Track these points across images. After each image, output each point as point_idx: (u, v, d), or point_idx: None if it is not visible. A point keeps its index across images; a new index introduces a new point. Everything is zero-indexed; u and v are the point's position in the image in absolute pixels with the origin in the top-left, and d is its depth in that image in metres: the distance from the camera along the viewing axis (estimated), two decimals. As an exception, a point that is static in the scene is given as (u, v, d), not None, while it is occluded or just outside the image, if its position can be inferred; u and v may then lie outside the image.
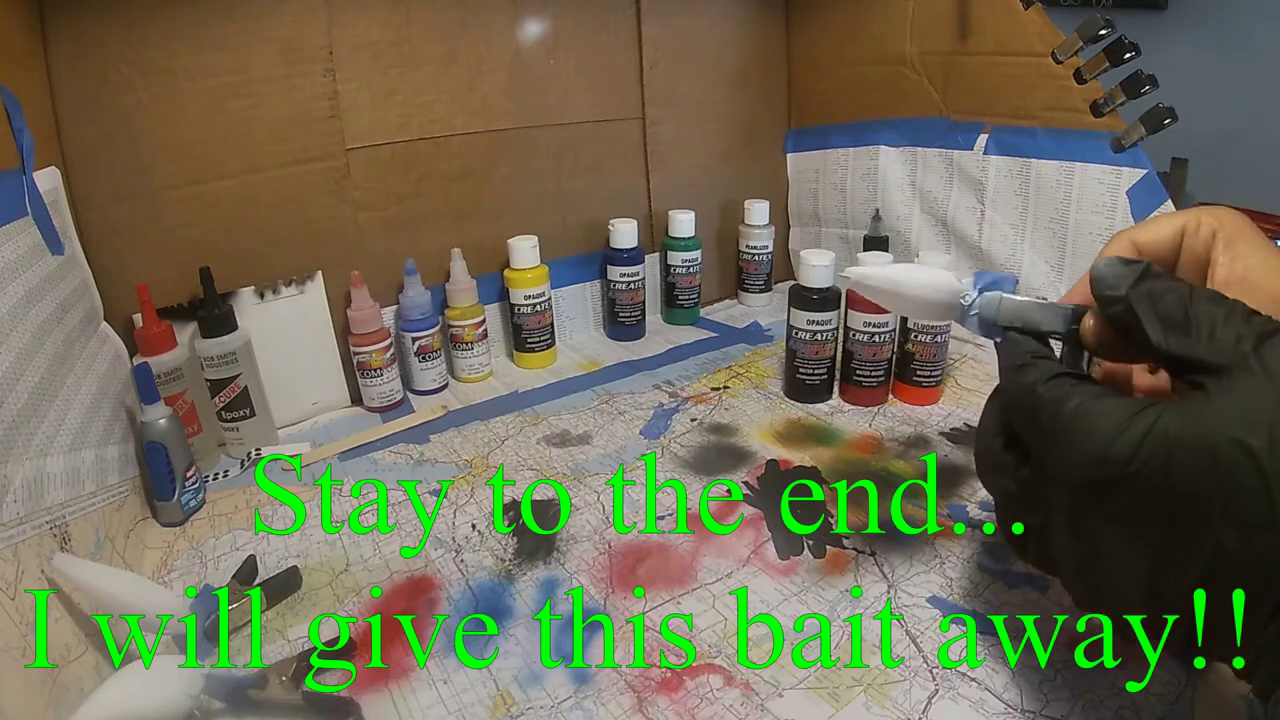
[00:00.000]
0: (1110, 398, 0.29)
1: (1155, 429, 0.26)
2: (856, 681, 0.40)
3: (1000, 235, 0.80)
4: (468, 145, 0.78)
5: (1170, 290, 0.29)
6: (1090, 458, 0.28)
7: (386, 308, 0.75)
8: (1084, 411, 0.28)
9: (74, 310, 0.53)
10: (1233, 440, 0.25)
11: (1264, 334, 0.26)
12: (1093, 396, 0.29)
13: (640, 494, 0.58)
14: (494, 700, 0.40)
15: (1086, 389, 0.29)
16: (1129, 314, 0.29)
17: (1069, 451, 0.29)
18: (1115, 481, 0.27)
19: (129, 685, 0.36)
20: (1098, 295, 0.31)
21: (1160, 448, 0.26)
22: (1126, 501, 0.27)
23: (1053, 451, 0.30)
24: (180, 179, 0.63)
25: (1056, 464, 0.29)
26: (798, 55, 0.98)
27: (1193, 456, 0.25)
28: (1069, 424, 0.29)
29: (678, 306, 0.93)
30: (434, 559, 0.52)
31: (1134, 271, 0.30)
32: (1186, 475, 0.25)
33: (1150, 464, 0.26)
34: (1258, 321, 0.27)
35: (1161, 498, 0.26)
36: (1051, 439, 0.30)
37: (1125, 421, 0.27)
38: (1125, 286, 0.30)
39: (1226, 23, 1.39)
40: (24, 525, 0.39)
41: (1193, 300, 0.28)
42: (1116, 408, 0.28)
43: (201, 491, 0.59)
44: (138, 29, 0.59)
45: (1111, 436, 0.27)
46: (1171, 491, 0.26)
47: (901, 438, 0.65)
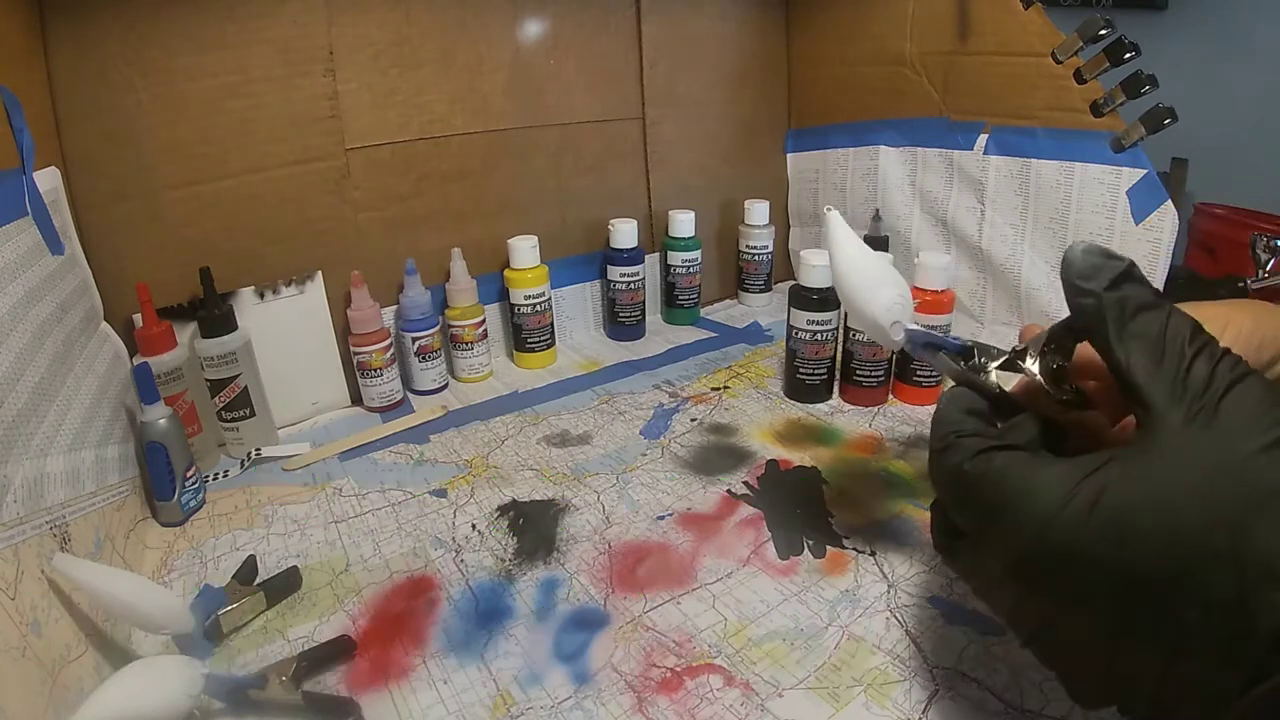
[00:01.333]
0: (1047, 465, 0.26)
1: (1104, 499, 0.24)
2: (856, 681, 0.40)
3: (1000, 235, 0.80)
4: (468, 145, 0.78)
5: (1148, 304, 0.26)
6: (1030, 537, 0.25)
7: (386, 308, 0.75)
8: (1018, 487, 0.26)
9: (74, 310, 0.53)
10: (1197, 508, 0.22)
11: (1234, 380, 0.24)
12: (1027, 466, 0.26)
13: (640, 494, 0.58)
14: (494, 700, 0.40)
15: (1017, 458, 0.27)
16: (1096, 316, 0.27)
17: (1006, 532, 0.26)
18: (1061, 561, 0.25)
19: (129, 685, 0.36)
20: (1067, 282, 0.28)
21: (1111, 520, 0.23)
22: (1075, 582, 0.25)
23: (990, 533, 0.27)
24: (180, 179, 0.63)
25: (994, 545, 0.27)
26: (798, 55, 0.98)
27: (1149, 528, 0.23)
28: (1002, 502, 0.26)
29: (678, 306, 0.93)
30: (434, 559, 0.52)
31: (1114, 269, 0.27)
32: (1143, 549, 0.23)
33: (1099, 539, 0.24)
34: (1229, 363, 0.24)
35: (1115, 575, 0.24)
36: (986, 520, 0.27)
37: (1066, 494, 0.24)
38: (1102, 283, 0.27)
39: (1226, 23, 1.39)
40: (24, 525, 0.39)
41: (1169, 324, 0.25)
42: (1055, 477, 0.25)
43: (201, 491, 0.59)
44: (138, 29, 0.59)
45: (1052, 512, 0.24)
46: (1126, 567, 0.23)
47: (901, 438, 0.65)
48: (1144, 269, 0.70)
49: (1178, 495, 0.23)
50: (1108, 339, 0.26)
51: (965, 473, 0.28)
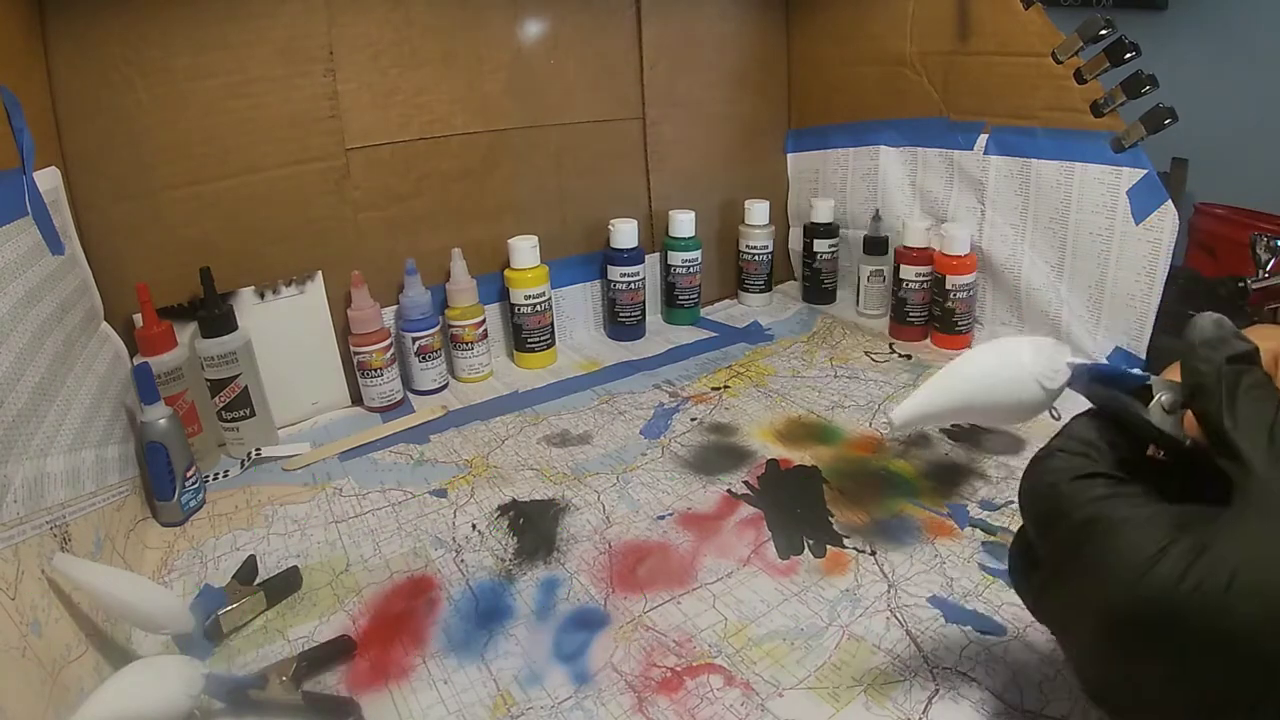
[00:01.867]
0: (1151, 506, 0.24)
1: (1203, 560, 0.22)
2: (856, 681, 0.40)
3: (1000, 235, 0.80)
4: (468, 145, 0.78)
5: (1263, 383, 0.25)
6: (1116, 590, 0.23)
7: (387, 308, 0.75)
8: (1116, 524, 0.24)
9: (74, 310, 0.53)
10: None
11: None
12: (1130, 504, 0.24)
13: (641, 493, 0.58)
14: (494, 700, 0.40)
15: (1123, 494, 0.24)
16: (1212, 378, 0.25)
17: (1089, 577, 0.24)
18: (1150, 619, 0.23)
19: (129, 685, 0.36)
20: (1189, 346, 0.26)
21: (1221, 571, 0.21)
22: (1163, 643, 0.23)
23: (1070, 570, 0.25)
24: (180, 179, 0.63)
25: (1074, 584, 0.25)
26: (798, 55, 0.98)
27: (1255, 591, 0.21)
28: (1092, 537, 0.24)
29: (678, 306, 0.93)
30: (434, 559, 0.52)
31: (1237, 347, 0.25)
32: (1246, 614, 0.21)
33: (1196, 599, 0.22)
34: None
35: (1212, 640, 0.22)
36: (1071, 552, 0.25)
37: (1169, 538, 0.22)
38: (1222, 357, 0.25)
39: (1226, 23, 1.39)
40: (24, 525, 0.39)
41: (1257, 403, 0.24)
42: (1158, 520, 0.23)
43: (201, 491, 0.59)
44: (138, 29, 0.59)
45: (1153, 556, 0.22)
46: (1225, 633, 0.21)
47: (902, 436, 0.65)
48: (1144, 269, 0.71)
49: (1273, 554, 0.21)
50: (1219, 402, 0.25)
51: (1060, 492, 0.26)
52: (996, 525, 0.52)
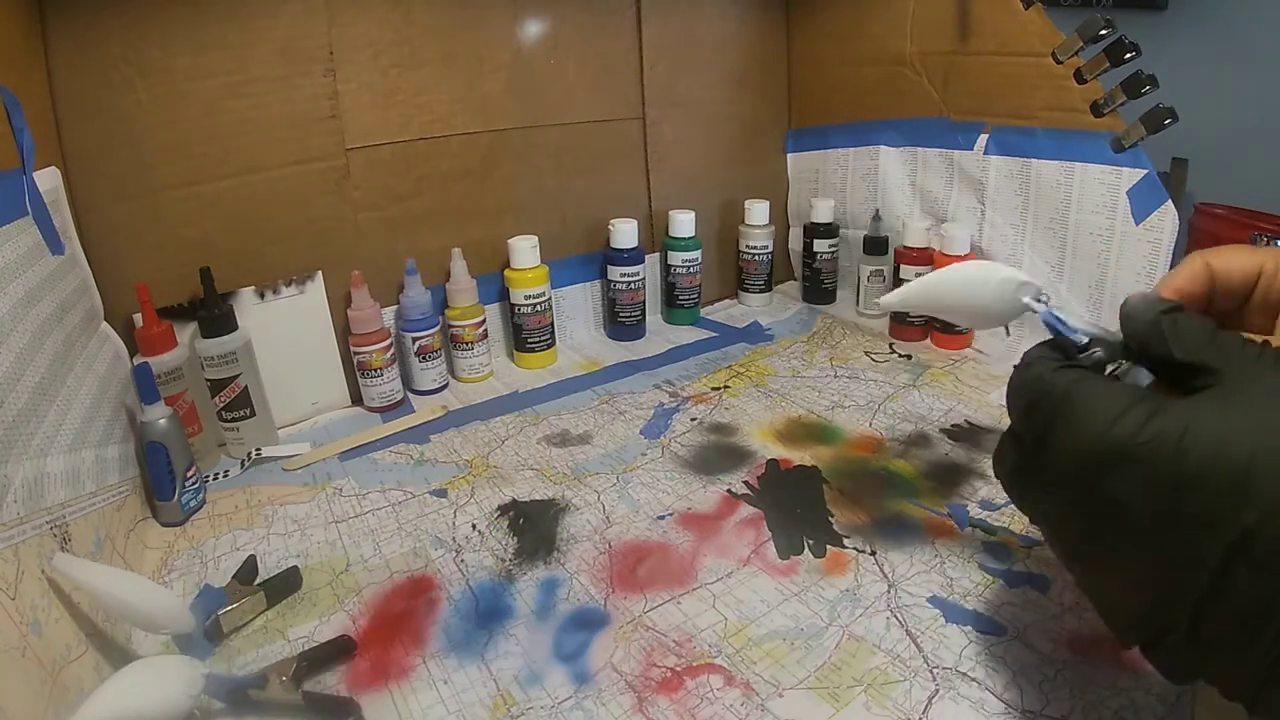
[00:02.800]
0: (1118, 385, 0.28)
1: (1161, 414, 0.26)
2: (856, 681, 0.40)
3: (1000, 235, 0.80)
4: (468, 145, 0.78)
5: (1197, 320, 0.29)
6: (1090, 437, 0.27)
7: (387, 308, 0.75)
8: (1086, 393, 0.28)
9: (74, 310, 0.53)
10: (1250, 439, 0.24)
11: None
12: (1101, 382, 0.29)
13: (641, 493, 0.58)
14: (494, 700, 0.40)
15: (1094, 376, 0.29)
16: (1153, 330, 0.30)
17: (1067, 431, 0.28)
18: (1115, 463, 0.26)
19: (129, 685, 0.36)
20: (1123, 316, 0.31)
21: (1170, 433, 0.25)
22: (1126, 486, 0.26)
23: (1052, 433, 0.29)
24: (180, 179, 0.63)
25: (1055, 446, 0.29)
26: (798, 55, 0.98)
27: (1207, 435, 0.25)
28: (1069, 403, 0.28)
29: (678, 306, 0.93)
30: (434, 559, 0.52)
31: (1166, 304, 0.30)
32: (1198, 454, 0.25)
33: (1155, 448, 0.25)
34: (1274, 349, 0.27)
35: (1164, 491, 0.25)
36: (1050, 420, 0.29)
37: (1129, 404, 0.27)
38: (1154, 313, 0.30)
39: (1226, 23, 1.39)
40: (24, 525, 0.39)
41: (1216, 329, 0.29)
42: (1122, 391, 0.28)
43: (202, 491, 0.59)
44: (138, 29, 0.59)
45: (1113, 417, 0.27)
46: (1175, 485, 0.25)
47: (902, 436, 0.65)
48: (1144, 269, 0.70)
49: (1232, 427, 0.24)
50: (1165, 345, 0.29)
51: (1044, 379, 0.30)
52: (996, 525, 0.52)
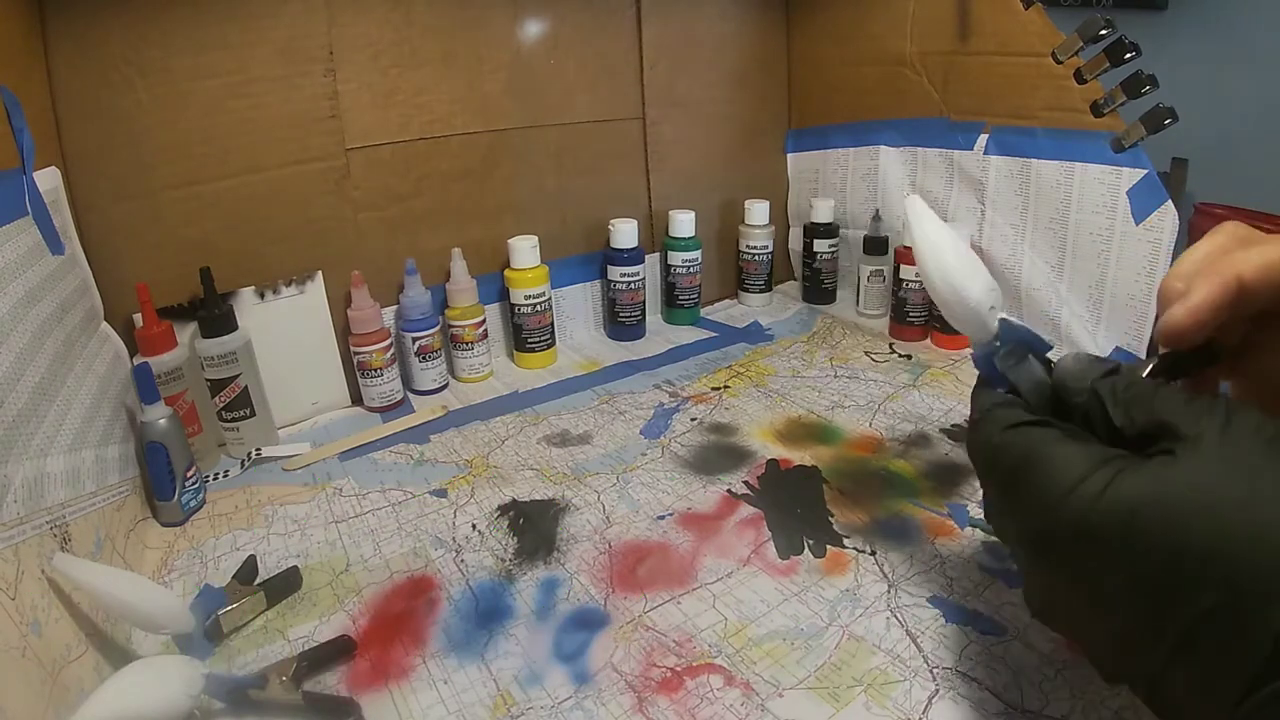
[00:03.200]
0: (1073, 443, 0.27)
1: (1116, 485, 0.24)
2: (856, 681, 0.40)
3: (1000, 235, 0.80)
4: (468, 145, 0.78)
5: (1137, 382, 0.28)
6: (1044, 509, 0.26)
7: (387, 308, 0.75)
8: (1041, 458, 0.27)
9: (74, 310, 0.53)
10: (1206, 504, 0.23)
11: (1231, 408, 0.25)
12: (1054, 441, 0.27)
13: (641, 493, 0.58)
14: (494, 700, 0.40)
15: (1048, 433, 0.27)
16: (1093, 399, 0.28)
17: (1021, 502, 0.27)
18: (1071, 539, 0.25)
19: (129, 685, 0.36)
20: (1060, 385, 0.30)
21: (1123, 505, 0.24)
22: (1083, 563, 0.25)
23: (1007, 501, 0.28)
24: (180, 179, 0.63)
25: (1012, 513, 0.28)
26: (798, 55, 0.98)
27: (1161, 517, 0.23)
28: (1024, 470, 0.27)
29: (678, 306, 0.93)
30: (434, 559, 0.52)
31: (1102, 367, 0.29)
32: (1153, 538, 0.23)
33: (1109, 523, 0.24)
34: (1225, 401, 0.26)
35: (1120, 562, 0.24)
36: (1006, 486, 0.28)
37: (1085, 473, 0.25)
38: (1091, 379, 0.29)
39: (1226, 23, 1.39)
40: (24, 525, 0.39)
41: (1158, 389, 0.27)
42: (1078, 455, 0.26)
43: (202, 491, 0.59)
44: (138, 29, 0.59)
45: (1067, 488, 0.25)
46: (1136, 555, 0.24)
47: (902, 436, 0.65)
48: (1144, 269, 0.70)
49: (1187, 491, 0.23)
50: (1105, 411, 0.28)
51: (995, 444, 0.29)
52: (996, 525, 0.52)
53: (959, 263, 0.34)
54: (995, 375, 0.33)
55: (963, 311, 0.34)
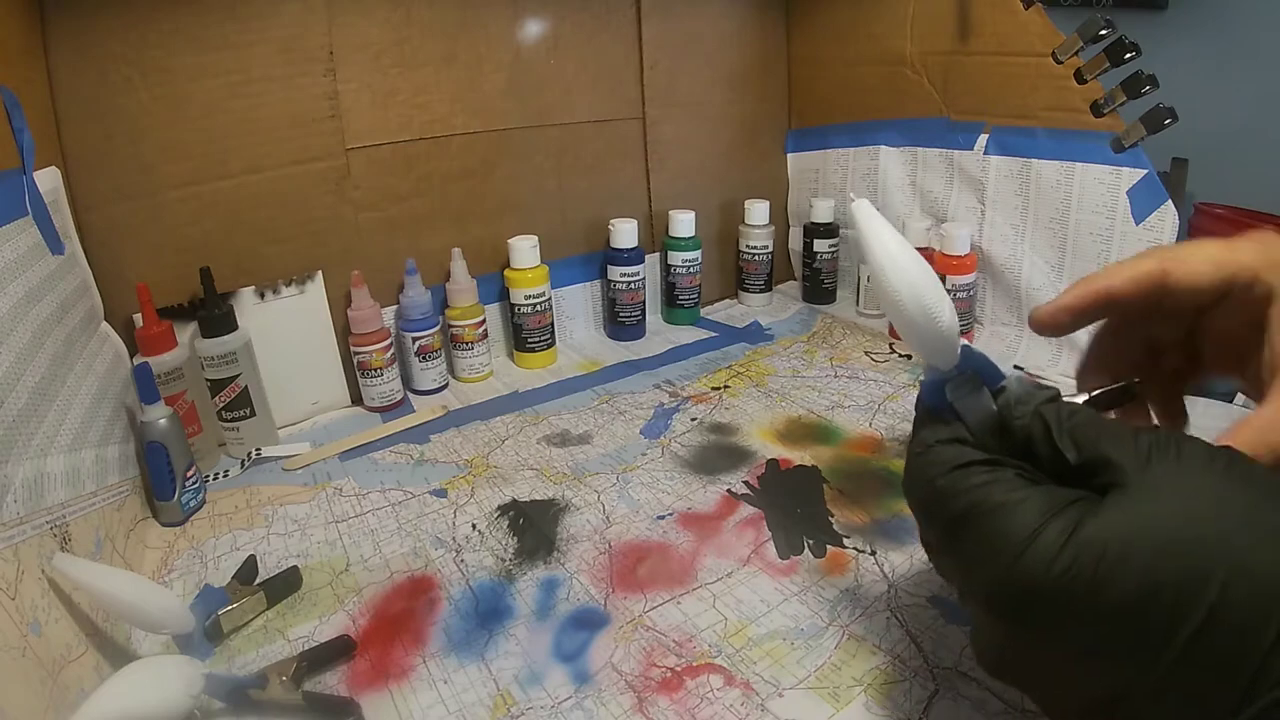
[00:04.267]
0: (1025, 489, 0.25)
1: (1077, 535, 0.23)
2: (856, 681, 0.40)
3: (1000, 235, 0.80)
4: (468, 145, 0.78)
5: (1080, 411, 0.27)
6: (995, 573, 0.24)
7: (387, 307, 0.75)
8: (991, 507, 0.25)
9: (74, 310, 0.53)
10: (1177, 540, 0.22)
11: (1179, 440, 0.25)
12: (1004, 489, 0.25)
13: (640, 493, 0.58)
14: (494, 700, 0.40)
15: (997, 480, 0.26)
16: (1037, 422, 0.27)
17: (975, 559, 0.25)
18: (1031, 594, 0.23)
19: (129, 685, 0.36)
20: (1004, 406, 0.28)
21: (1086, 550, 0.22)
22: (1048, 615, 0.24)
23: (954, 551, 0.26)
24: (180, 179, 0.63)
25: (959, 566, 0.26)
26: (798, 55, 0.98)
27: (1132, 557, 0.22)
28: (974, 520, 0.25)
29: (678, 306, 0.93)
30: (434, 559, 0.52)
31: (1046, 394, 0.28)
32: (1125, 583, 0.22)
33: (1073, 570, 0.23)
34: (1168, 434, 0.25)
35: (1088, 609, 0.23)
36: (951, 536, 0.26)
37: (1041, 521, 0.23)
38: (1035, 403, 0.28)
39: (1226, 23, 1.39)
40: (24, 525, 0.39)
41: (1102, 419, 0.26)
42: (1031, 503, 0.24)
43: (202, 491, 0.59)
44: (138, 29, 0.59)
45: (1025, 540, 0.23)
46: (1100, 601, 0.22)
47: (902, 436, 0.65)
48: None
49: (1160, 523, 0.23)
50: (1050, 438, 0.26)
51: (937, 487, 0.27)
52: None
53: (927, 280, 0.30)
54: (942, 404, 0.30)
55: (932, 336, 0.30)
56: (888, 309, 0.31)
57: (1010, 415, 0.28)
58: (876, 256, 0.30)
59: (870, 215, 0.31)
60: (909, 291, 0.29)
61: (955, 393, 0.30)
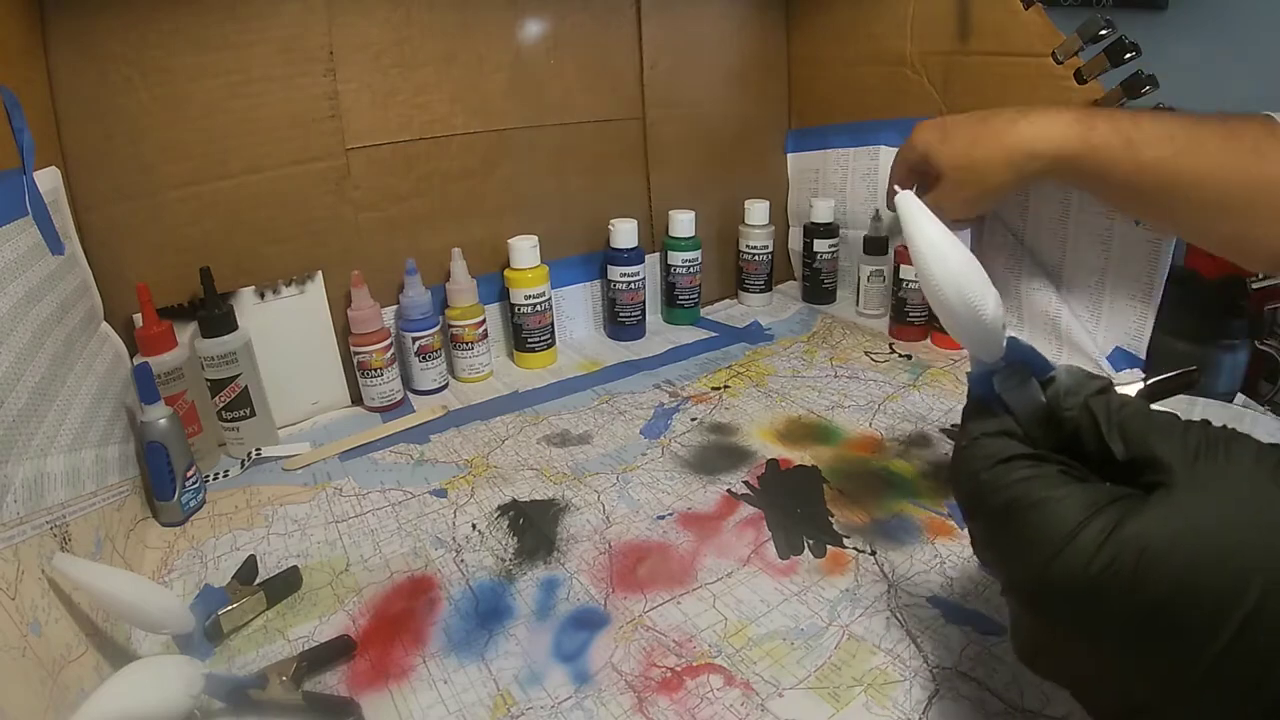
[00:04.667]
0: (1067, 485, 0.25)
1: (1118, 533, 0.23)
2: (856, 681, 0.40)
3: (1000, 235, 0.79)
4: (468, 145, 0.78)
5: (1131, 402, 0.27)
6: (1034, 569, 0.24)
7: (387, 307, 0.75)
8: (1033, 502, 0.25)
9: (74, 310, 0.53)
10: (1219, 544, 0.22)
11: (1229, 437, 0.24)
12: (1047, 483, 0.25)
13: (640, 493, 0.58)
14: (494, 700, 0.40)
15: (1041, 471, 0.26)
16: (1085, 414, 0.27)
17: (1015, 554, 0.25)
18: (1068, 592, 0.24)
19: (129, 685, 0.36)
20: (1053, 396, 0.28)
21: (1126, 550, 0.23)
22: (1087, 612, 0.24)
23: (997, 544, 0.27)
24: (180, 179, 0.63)
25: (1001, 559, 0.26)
26: (798, 55, 0.98)
27: (1172, 561, 0.22)
28: (1015, 514, 0.25)
29: (678, 306, 0.93)
30: (434, 559, 0.52)
31: (1097, 384, 0.28)
32: (1163, 584, 0.22)
33: (1110, 570, 0.23)
34: (1219, 428, 0.25)
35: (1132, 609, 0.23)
36: (993, 530, 0.27)
37: (1081, 521, 0.24)
38: (1085, 394, 0.28)
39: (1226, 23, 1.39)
40: (24, 525, 0.39)
41: (1153, 412, 0.26)
42: (1073, 499, 0.24)
43: (202, 491, 0.59)
44: (138, 29, 0.59)
45: (1065, 537, 0.24)
46: (1145, 602, 0.23)
47: (902, 436, 0.65)
48: (1144, 269, 0.70)
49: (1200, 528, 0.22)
50: (1099, 431, 0.26)
51: (980, 480, 0.27)
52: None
53: (970, 271, 0.30)
54: (990, 396, 0.30)
55: (976, 328, 0.30)
56: (932, 300, 0.31)
57: (1060, 407, 0.28)
58: (919, 248, 0.30)
59: (915, 206, 0.31)
60: (952, 282, 0.29)
61: (1003, 384, 0.30)
